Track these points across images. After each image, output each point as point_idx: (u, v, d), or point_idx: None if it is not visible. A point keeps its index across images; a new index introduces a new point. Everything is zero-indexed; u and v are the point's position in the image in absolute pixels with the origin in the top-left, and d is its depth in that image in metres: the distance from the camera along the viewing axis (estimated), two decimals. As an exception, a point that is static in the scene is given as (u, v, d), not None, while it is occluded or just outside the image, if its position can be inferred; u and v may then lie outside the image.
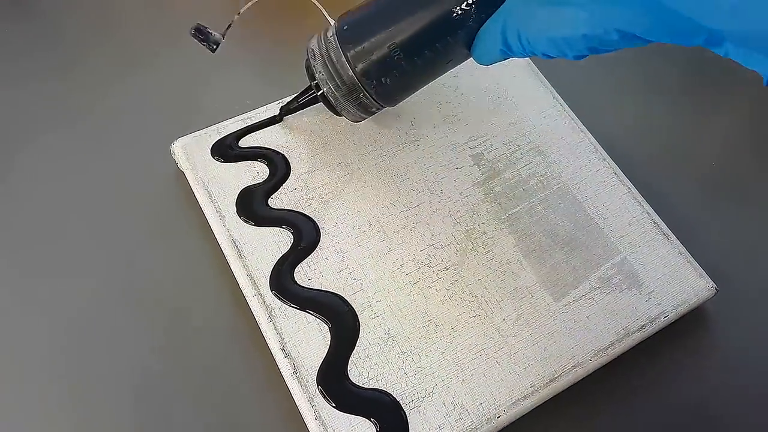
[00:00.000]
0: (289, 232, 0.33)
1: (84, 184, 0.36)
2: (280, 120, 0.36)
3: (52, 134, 0.37)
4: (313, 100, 0.34)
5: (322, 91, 0.32)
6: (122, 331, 0.32)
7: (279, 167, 0.34)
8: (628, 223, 0.35)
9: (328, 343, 0.30)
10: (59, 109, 0.38)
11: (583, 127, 0.38)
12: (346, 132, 0.36)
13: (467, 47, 0.29)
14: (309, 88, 0.34)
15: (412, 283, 0.32)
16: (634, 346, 0.32)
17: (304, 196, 0.34)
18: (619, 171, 0.37)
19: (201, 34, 0.32)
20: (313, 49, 0.31)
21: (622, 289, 0.33)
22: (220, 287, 0.33)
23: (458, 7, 0.28)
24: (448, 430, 0.29)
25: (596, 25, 0.23)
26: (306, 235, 0.33)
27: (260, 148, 0.35)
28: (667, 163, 0.40)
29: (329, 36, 0.30)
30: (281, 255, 0.32)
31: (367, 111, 0.32)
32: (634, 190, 0.36)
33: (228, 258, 0.32)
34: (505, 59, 0.28)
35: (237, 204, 0.33)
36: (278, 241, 0.33)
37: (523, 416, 0.30)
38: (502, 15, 0.27)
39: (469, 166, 0.36)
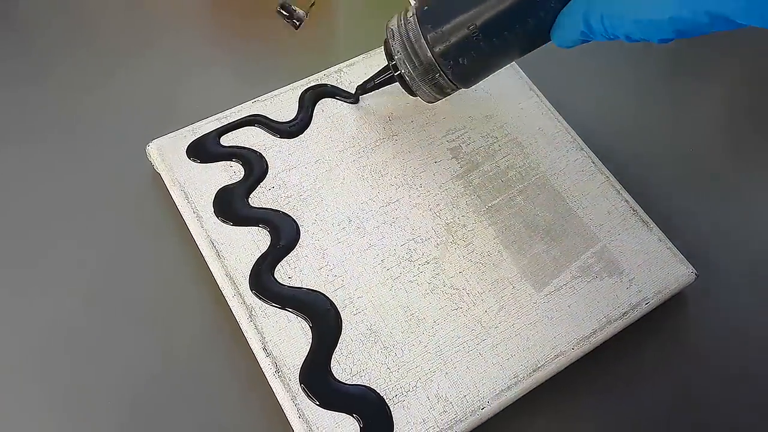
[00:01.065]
0: (268, 232, 0.33)
1: (60, 188, 0.35)
2: (356, 100, 0.37)
3: (27, 139, 0.37)
4: (390, 80, 0.35)
5: (399, 72, 0.32)
6: (101, 335, 0.32)
7: (256, 166, 0.34)
8: (607, 211, 0.35)
9: (310, 340, 0.30)
10: (35, 113, 0.38)
11: (560, 117, 0.38)
12: (323, 129, 0.36)
13: (548, 29, 0.29)
14: (386, 68, 0.34)
15: (393, 278, 0.32)
16: (616, 334, 0.32)
17: (282, 194, 0.34)
18: (597, 160, 0.37)
19: (286, 11, 0.34)
20: (392, 29, 0.32)
21: (603, 277, 0.33)
22: (200, 288, 0.33)
23: None
24: (433, 424, 0.29)
25: (685, 7, 0.23)
26: (285, 234, 0.33)
27: (237, 147, 0.35)
28: (645, 150, 0.40)
29: (409, 16, 0.31)
30: (260, 254, 0.32)
31: (442, 92, 0.32)
32: (612, 178, 0.37)
33: (207, 259, 0.32)
34: (585, 42, 0.28)
35: (214, 204, 0.33)
36: (257, 240, 0.32)
37: (508, 407, 0.30)
38: None
39: (448, 159, 0.36)
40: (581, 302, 0.33)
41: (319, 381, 0.29)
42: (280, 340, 0.30)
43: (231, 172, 0.34)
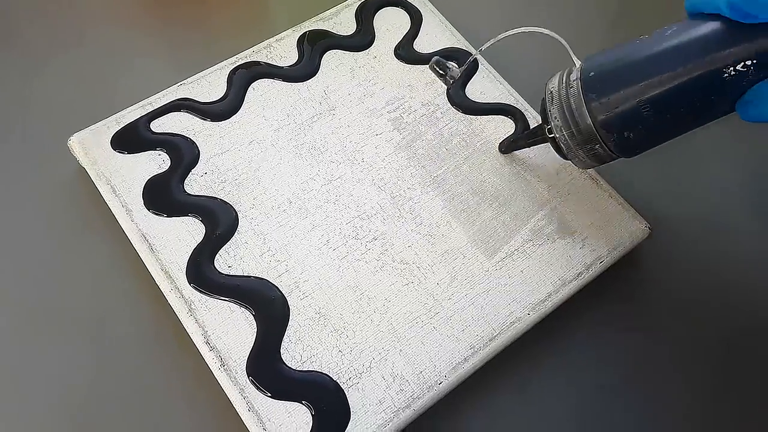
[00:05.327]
0: (202, 221, 0.31)
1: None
2: (505, 152, 0.35)
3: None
4: (543, 140, 0.32)
5: (553, 135, 0.30)
6: (36, 346, 0.30)
7: (186, 152, 0.32)
8: (555, 172, 0.35)
9: (255, 330, 0.29)
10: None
11: (502, 79, 0.37)
12: (255, 109, 0.34)
13: (732, 104, 0.26)
14: (539, 128, 0.32)
15: (340, 257, 0.31)
16: (572, 296, 0.32)
17: (216, 180, 0.32)
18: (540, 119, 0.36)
19: (440, 68, 0.32)
20: (552, 92, 0.29)
21: (555, 239, 0.33)
22: (137, 286, 0.31)
23: (732, 69, 0.24)
24: (389, 404, 0.28)
25: None
26: (222, 221, 0.31)
27: (165, 134, 0.33)
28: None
29: (572, 80, 0.28)
30: (197, 244, 0.30)
31: (599, 161, 0.30)
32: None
33: (140, 253, 0.30)
34: None
35: (144, 196, 0.31)
36: (192, 230, 0.31)
37: (468, 379, 0.29)
38: None
39: (390, 131, 0.35)
40: (534, 266, 0.32)
41: (268, 371, 0.28)
42: (223, 333, 0.29)
43: (159, 161, 0.32)
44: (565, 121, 0.29)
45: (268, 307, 0.29)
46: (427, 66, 0.33)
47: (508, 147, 0.34)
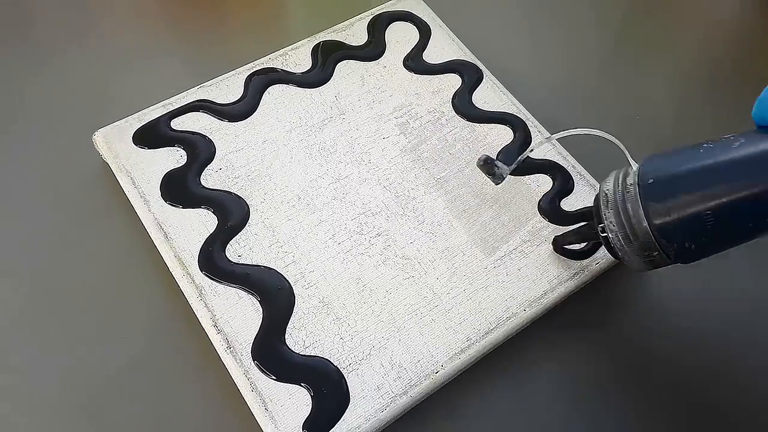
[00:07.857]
0: (214, 212, 0.33)
1: (7, 181, 0.35)
2: (557, 250, 0.33)
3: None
4: (593, 238, 0.31)
5: (606, 236, 0.29)
6: (54, 328, 0.31)
7: (202, 149, 0.34)
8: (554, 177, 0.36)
9: (262, 316, 0.30)
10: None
11: (506, 90, 0.39)
12: (270, 111, 0.36)
13: None
14: (590, 226, 0.31)
15: (344, 251, 0.33)
16: (570, 296, 0.33)
17: (230, 175, 0.34)
18: (542, 129, 0.38)
19: (488, 166, 0.32)
20: (606, 194, 0.28)
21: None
22: (152, 271, 0.33)
23: None
24: (387, 390, 0.29)
25: None
26: (234, 213, 0.33)
27: (184, 131, 0.35)
28: (590, 118, 0.41)
29: (629, 184, 0.27)
30: (209, 234, 0.32)
31: (655, 266, 0.28)
32: (558, 145, 0.37)
33: (155, 242, 0.32)
34: None
35: (161, 188, 0.33)
36: (205, 221, 0.32)
37: (465, 372, 0.30)
38: None
39: (396, 135, 0.37)
40: (531, 265, 0.33)
41: (272, 355, 0.29)
42: (230, 317, 0.30)
43: (177, 156, 0.34)
44: (620, 224, 0.28)
45: (274, 294, 0.31)
46: (475, 163, 0.34)
47: (556, 243, 0.33)
